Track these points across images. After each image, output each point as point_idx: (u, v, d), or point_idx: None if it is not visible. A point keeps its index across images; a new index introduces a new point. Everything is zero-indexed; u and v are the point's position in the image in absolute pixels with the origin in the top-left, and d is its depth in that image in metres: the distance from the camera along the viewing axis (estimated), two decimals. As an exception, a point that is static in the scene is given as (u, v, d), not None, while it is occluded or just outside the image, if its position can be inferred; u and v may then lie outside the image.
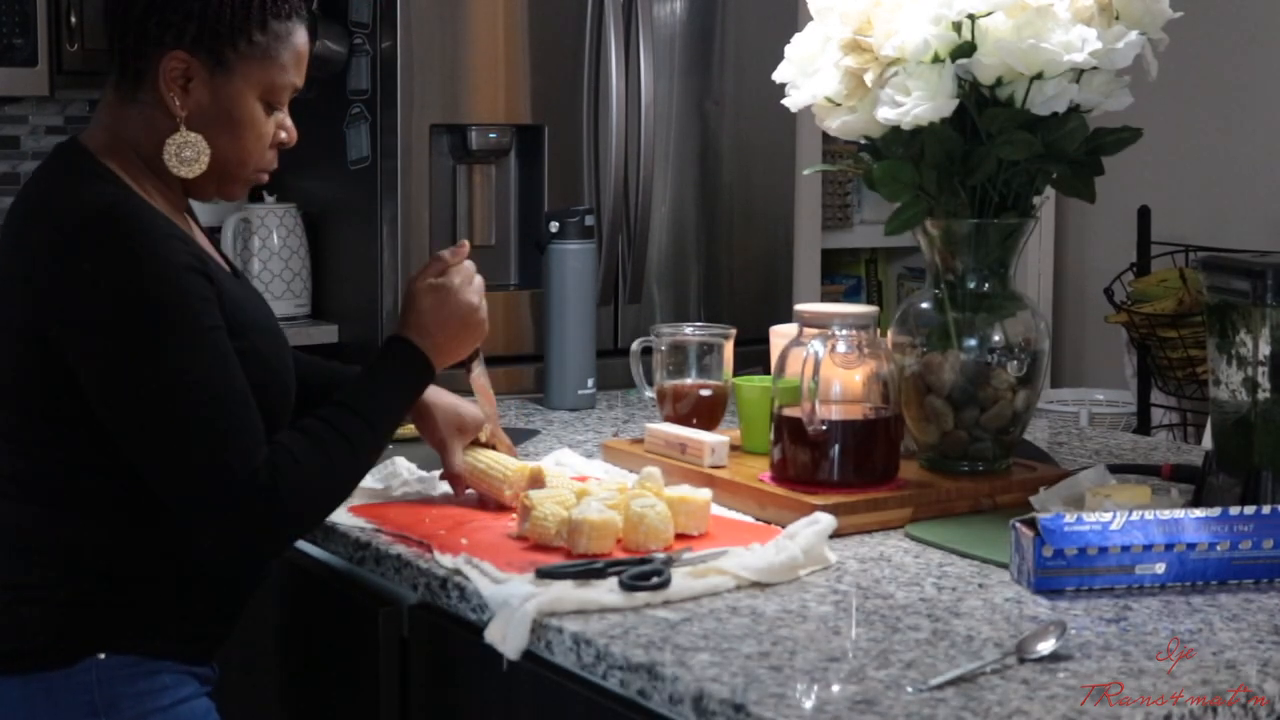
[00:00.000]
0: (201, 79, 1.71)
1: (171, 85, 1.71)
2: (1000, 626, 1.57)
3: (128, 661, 1.69)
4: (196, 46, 1.70)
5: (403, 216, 3.54)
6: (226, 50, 1.71)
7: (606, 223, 3.71)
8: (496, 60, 3.63)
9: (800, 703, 1.37)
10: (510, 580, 1.67)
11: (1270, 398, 1.83)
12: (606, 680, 1.51)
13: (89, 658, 1.67)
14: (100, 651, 1.67)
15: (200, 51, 1.70)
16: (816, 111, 2.09)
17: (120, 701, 1.68)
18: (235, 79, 1.72)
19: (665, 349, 2.34)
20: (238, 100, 1.73)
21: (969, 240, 2.03)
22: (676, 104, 3.88)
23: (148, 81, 1.72)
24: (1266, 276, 1.80)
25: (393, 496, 2.04)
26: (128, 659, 1.69)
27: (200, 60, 1.71)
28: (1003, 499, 2.01)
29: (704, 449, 2.10)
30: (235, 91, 1.73)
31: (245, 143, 1.75)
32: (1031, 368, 2.05)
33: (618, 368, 2.90)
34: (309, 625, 2.08)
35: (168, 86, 1.70)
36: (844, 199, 4.72)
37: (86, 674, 1.67)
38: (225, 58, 1.71)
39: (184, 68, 1.70)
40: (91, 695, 1.67)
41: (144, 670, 1.70)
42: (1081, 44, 1.91)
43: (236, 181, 1.78)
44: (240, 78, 1.72)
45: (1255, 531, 1.69)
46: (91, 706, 1.67)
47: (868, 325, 1.97)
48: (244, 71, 1.72)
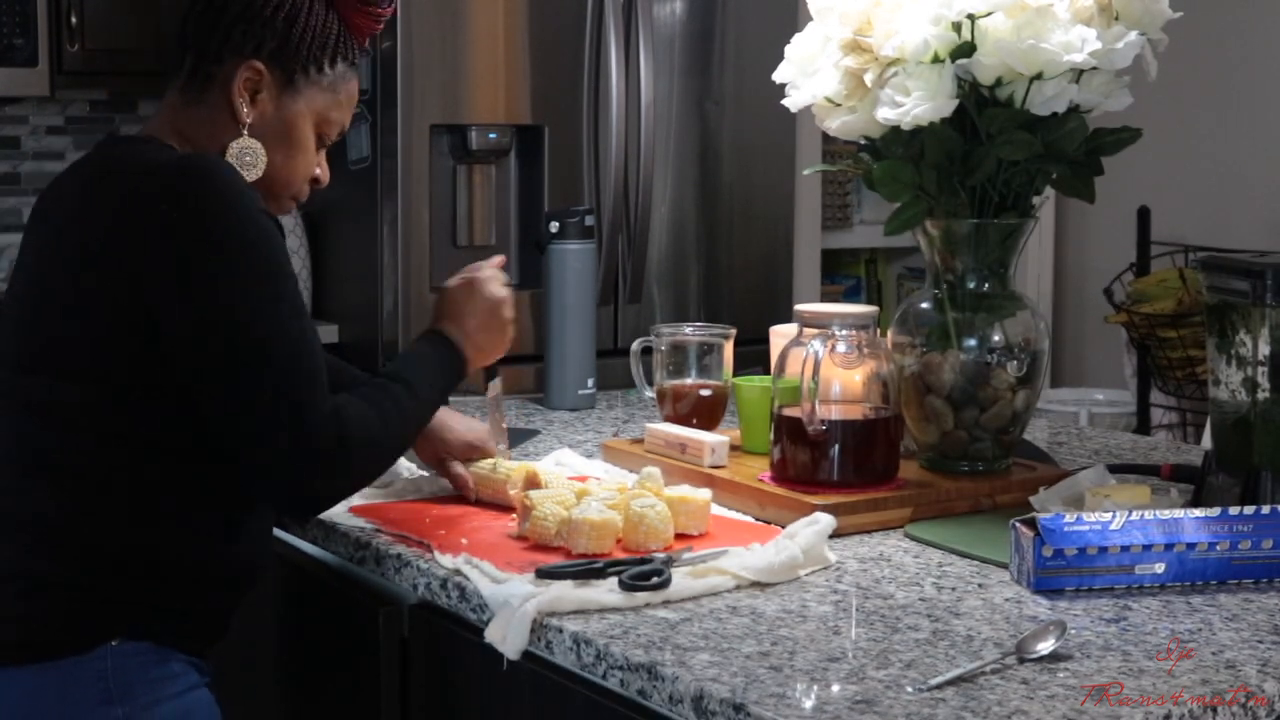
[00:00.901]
0: (270, 93, 1.79)
1: (243, 92, 1.77)
2: (1000, 626, 1.57)
3: (141, 649, 1.70)
4: (273, 61, 1.78)
5: (403, 216, 3.54)
6: (298, 72, 1.80)
7: (606, 223, 3.71)
8: (496, 60, 3.63)
9: (800, 703, 1.37)
10: (510, 580, 1.67)
11: (1270, 398, 1.83)
12: (606, 680, 1.51)
13: (103, 645, 1.68)
14: (114, 638, 1.68)
15: (275, 67, 1.78)
16: (816, 111, 2.09)
17: (134, 689, 1.69)
18: (300, 101, 1.81)
19: (665, 349, 2.34)
20: (298, 121, 1.81)
21: (969, 240, 2.04)
22: (676, 104, 3.88)
23: (216, 85, 1.78)
24: (1266, 276, 1.80)
25: (392, 496, 2.04)
26: (141, 646, 1.70)
27: (274, 75, 1.79)
28: (1002, 499, 2.01)
29: (704, 449, 2.10)
30: (298, 113, 1.81)
31: (295, 163, 1.83)
32: (1031, 368, 2.05)
33: (618, 368, 2.90)
34: (309, 625, 2.08)
35: (239, 92, 1.77)
36: (844, 199, 4.72)
37: (101, 661, 1.68)
38: (295, 79, 1.80)
39: (258, 78, 1.78)
40: (106, 682, 1.68)
41: (156, 658, 1.71)
42: (1081, 44, 1.91)
43: (276, 200, 1.84)
44: (304, 101, 1.81)
45: (1255, 531, 1.69)
46: (106, 694, 1.68)
47: (868, 325, 1.98)
48: (309, 96, 1.81)
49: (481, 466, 2.01)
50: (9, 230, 4.16)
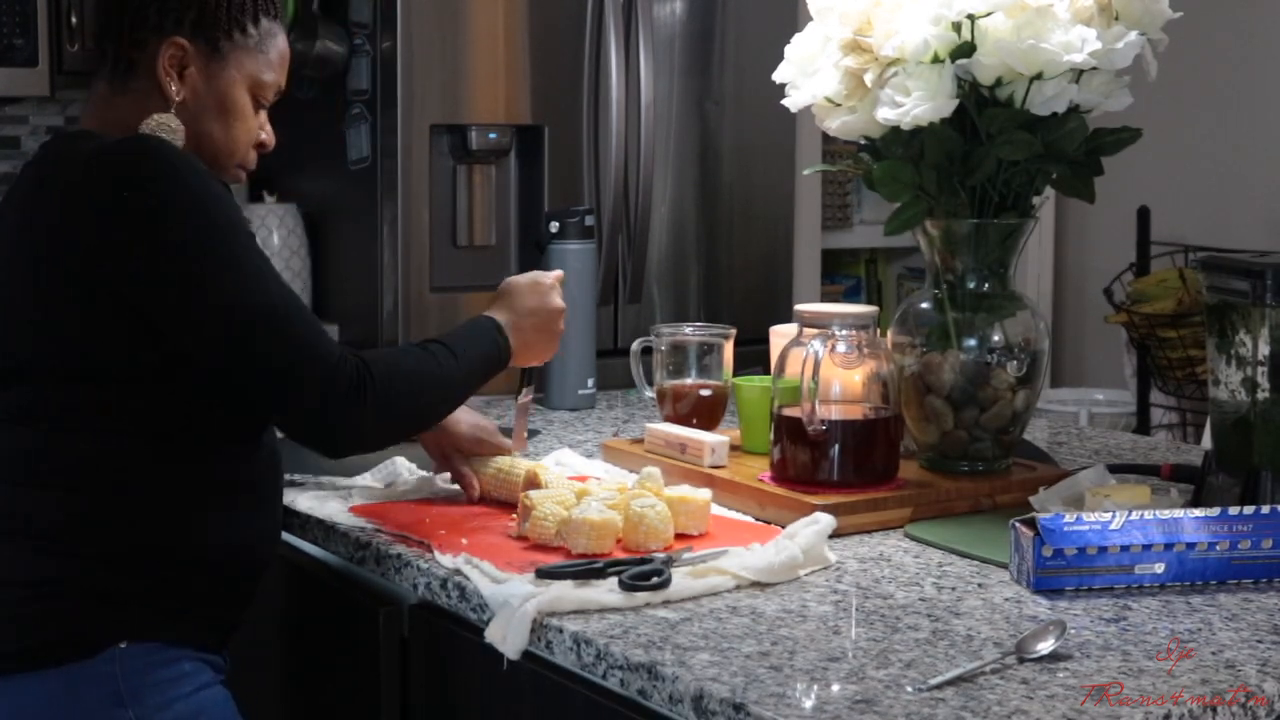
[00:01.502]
0: (198, 66, 1.78)
1: (169, 70, 1.76)
2: (1000, 626, 1.57)
3: (149, 649, 1.70)
4: (195, 33, 1.77)
5: (403, 216, 3.54)
6: (222, 39, 1.78)
7: (606, 223, 3.71)
8: (496, 60, 3.63)
9: (800, 702, 1.37)
10: (510, 580, 1.67)
11: (1269, 398, 1.83)
12: (606, 680, 1.51)
13: (111, 648, 1.68)
14: (121, 641, 1.68)
15: (198, 38, 1.77)
16: (816, 111, 2.09)
17: (144, 690, 1.68)
18: (229, 68, 1.79)
19: (665, 349, 2.34)
20: (230, 89, 1.80)
21: (969, 240, 2.04)
22: (676, 104, 3.88)
23: (141, 69, 1.77)
24: (1266, 276, 1.80)
25: (393, 496, 2.04)
26: (149, 646, 1.70)
27: (198, 47, 1.77)
28: (1002, 499, 2.01)
29: (704, 449, 2.10)
30: (228, 80, 1.80)
31: (235, 131, 1.81)
32: (1031, 368, 2.05)
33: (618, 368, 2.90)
34: (309, 625, 2.08)
35: (165, 71, 1.76)
36: (844, 199, 4.72)
37: (109, 664, 1.68)
38: (220, 46, 1.78)
39: (182, 53, 1.76)
40: (116, 685, 1.67)
41: (165, 658, 1.71)
42: (1081, 44, 1.91)
43: (222, 170, 1.82)
44: (233, 67, 1.80)
45: (1254, 531, 1.69)
46: (116, 697, 1.67)
47: (868, 325, 1.98)
48: (237, 61, 1.80)
49: (491, 466, 2.01)
50: (9, 230, 4.16)
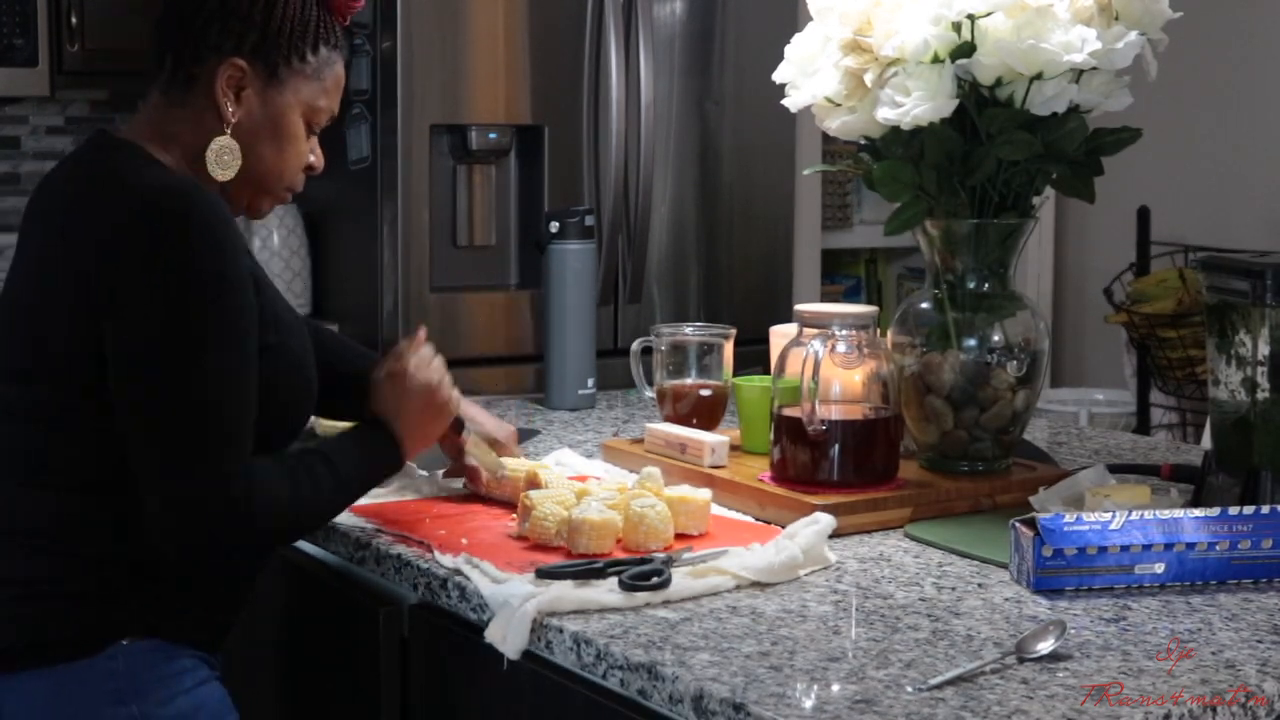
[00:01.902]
0: (255, 88, 1.77)
1: (227, 91, 1.76)
2: (1000, 626, 1.57)
3: (150, 646, 1.70)
4: (255, 56, 1.76)
5: (403, 216, 3.54)
6: (281, 64, 1.78)
7: (606, 223, 3.71)
8: (496, 60, 3.63)
9: (800, 702, 1.37)
10: (510, 580, 1.67)
11: (1269, 398, 1.83)
12: (606, 680, 1.51)
13: (113, 644, 1.68)
14: (123, 637, 1.69)
15: (258, 61, 1.77)
16: (816, 111, 2.09)
17: (146, 687, 1.69)
18: (286, 93, 1.78)
19: (665, 349, 2.34)
20: (285, 113, 1.79)
21: (969, 240, 2.04)
22: (676, 104, 3.88)
23: (199, 85, 1.76)
24: (1266, 276, 1.80)
25: (393, 496, 2.04)
26: (151, 643, 1.70)
27: (256, 70, 1.77)
28: (1002, 499, 2.01)
29: (704, 449, 2.10)
30: (284, 105, 1.79)
31: (286, 156, 1.81)
32: (1031, 368, 2.05)
33: (618, 368, 2.90)
34: (309, 625, 2.08)
35: (223, 91, 1.75)
36: (844, 199, 4.72)
37: (112, 661, 1.68)
38: (279, 71, 1.78)
39: (240, 75, 1.76)
40: (118, 682, 1.68)
41: (166, 655, 1.71)
42: (1081, 44, 1.91)
43: (269, 195, 1.83)
44: (290, 92, 1.79)
45: (1254, 531, 1.69)
46: (119, 693, 1.68)
47: (868, 325, 1.98)
48: (294, 87, 1.79)
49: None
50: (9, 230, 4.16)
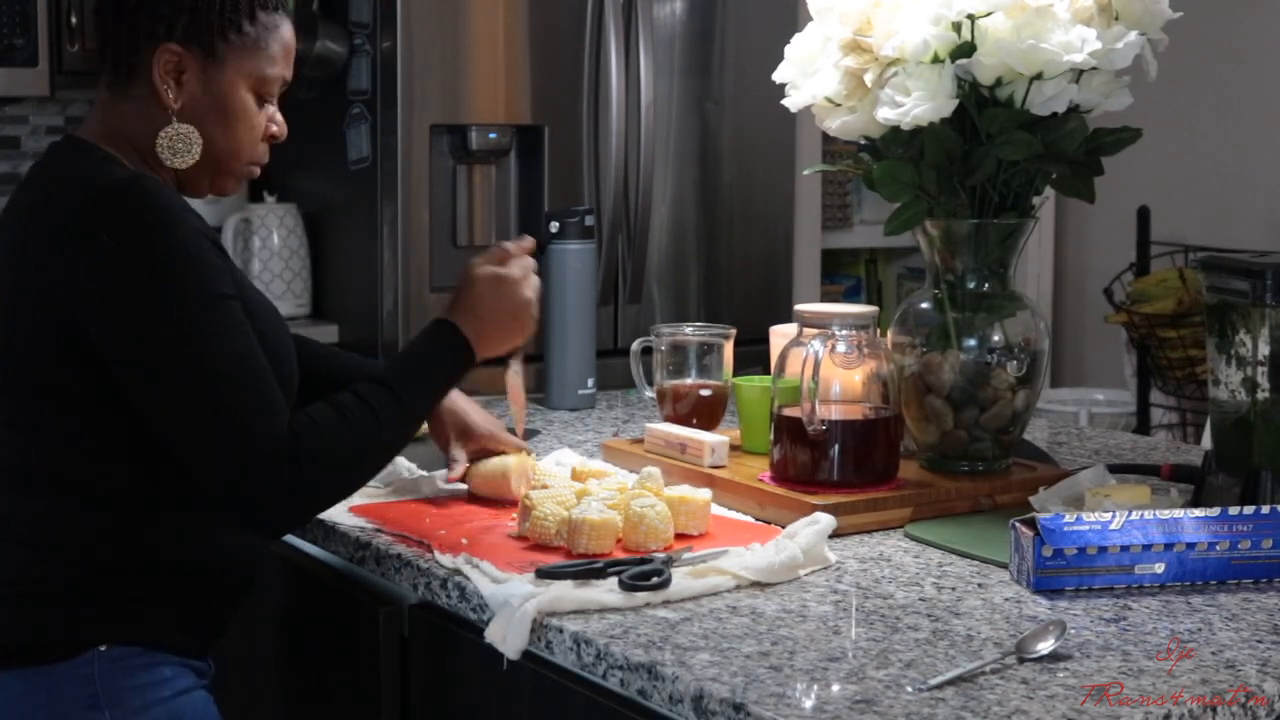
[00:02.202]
0: (194, 71, 1.74)
1: (165, 78, 1.73)
2: (1000, 626, 1.57)
3: (129, 653, 1.69)
4: (188, 38, 1.73)
5: (403, 216, 3.54)
6: (217, 41, 1.74)
7: (606, 223, 3.71)
8: (496, 60, 3.63)
9: (800, 702, 1.37)
10: (510, 580, 1.67)
11: (1269, 398, 1.83)
12: (606, 680, 1.51)
13: (90, 650, 1.67)
14: (101, 643, 1.67)
15: (192, 43, 1.73)
16: (816, 111, 2.09)
17: (122, 694, 1.68)
18: (227, 70, 1.75)
19: (665, 349, 2.34)
20: (230, 91, 1.75)
21: (969, 240, 2.04)
22: (676, 104, 3.88)
23: (140, 76, 1.74)
24: (1266, 276, 1.80)
25: (393, 496, 2.04)
26: (129, 650, 1.69)
27: (192, 52, 1.73)
28: (1002, 499, 2.01)
29: (704, 449, 2.10)
30: (227, 82, 1.75)
31: (238, 134, 1.77)
32: (1031, 368, 2.05)
33: (618, 368, 2.90)
34: (309, 625, 2.08)
35: (161, 79, 1.73)
36: (844, 199, 4.72)
37: (88, 666, 1.67)
38: (216, 49, 1.74)
39: (177, 60, 1.73)
40: (94, 687, 1.67)
41: (144, 662, 1.70)
42: (1081, 44, 1.91)
43: (230, 174, 1.80)
44: (232, 68, 1.75)
45: (1254, 531, 1.69)
46: (94, 699, 1.67)
47: (868, 325, 1.98)
48: (235, 62, 1.75)
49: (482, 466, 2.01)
50: (9, 230, 4.16)
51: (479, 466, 2.01)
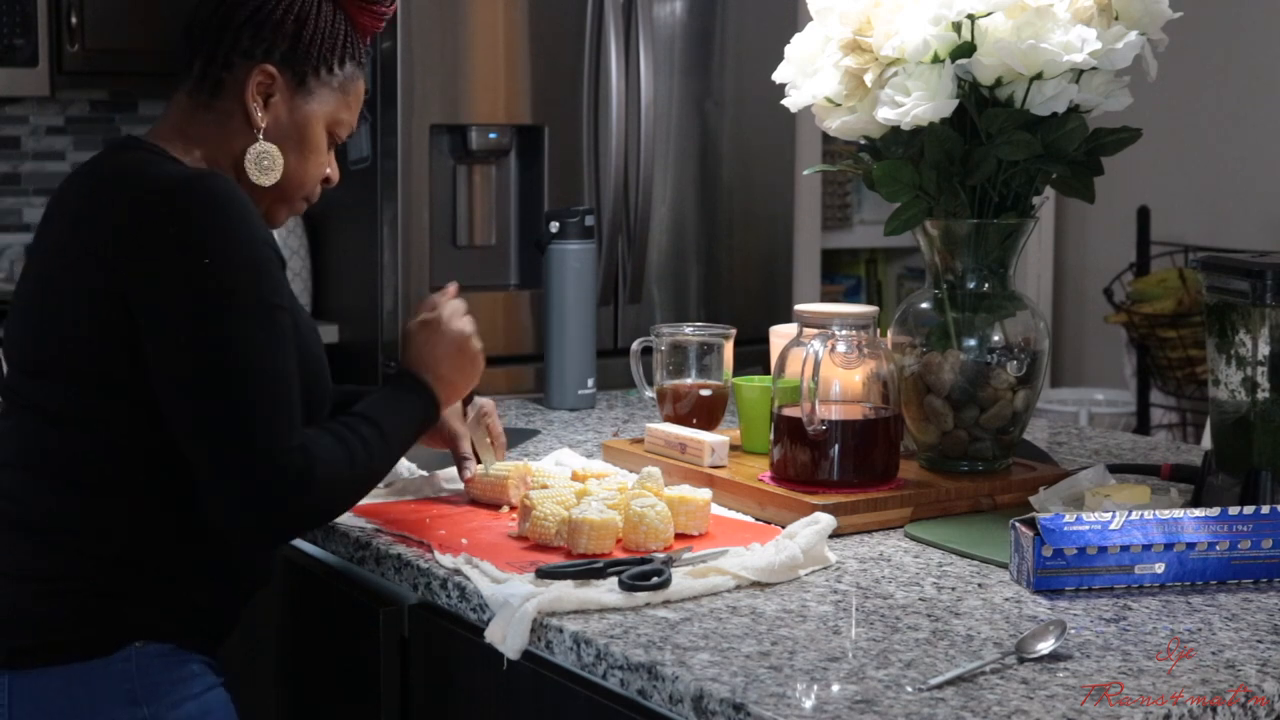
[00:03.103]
0: (283, 96, 1.78)
1: (256, 96, 1.77)
2: (1000, 626, 1.57)
3: (163, 650, 1.71)
4: (285, 64, 1.78)
5: (403, 216, 3.54)
6: (309, 74, 1.79)
7: (606, 223, 3.71)
8: (496, 60, 3.63)
9: (800, 702, 1.37)
10: (510, 580, 1.67)
11: (1269, 398, 1.83)
12: (606, 680, 1.51)
13: (127, 646, 1.69)
14: (137, 639, 1.69)
15: (287, 70, 1.78)
16: (816, 111, 2.09)
17: (158, 690, 1.70)
18: (312, 103, 1.80)
19: (665, 349, 2.34)
20: (311, 123, 1.80)
21: (969, 240, 2.04)
22: (676, 104, 3.88)
23: (228, 90, 1.77)
24: (1266, 276, 1.80)
25: (393, 496, 2.04)
26: (163, 647, 1.71)
27: (286, 78, 1.78)
28: (1002, 499, 2.01)
29: (704, 449, 2.10)
30: (311, 114, 1.80)
31: (309, 165, 1.82)
32: (1031, 368, 2.05)
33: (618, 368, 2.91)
34: (309, 625, 2.08)
35: (253, 97, 1.76)
36: (844, 199, 4.72)
37: (126, 663, 1.68)
38: (308, 81, 1.79)
39: (270, 82, 1.77)
40: (132, 684, 1.68)
41: (176, 659, 1.72)
42: (1081, 44, 1.91)
43: (287, 203, 1.84)
44: (317, 102, 1.80)
45: (1254, 531, 1.69)
46: (132, 695, 1.68)
47: (868, 325, 1.98)
48: (321, 98, 1.80)
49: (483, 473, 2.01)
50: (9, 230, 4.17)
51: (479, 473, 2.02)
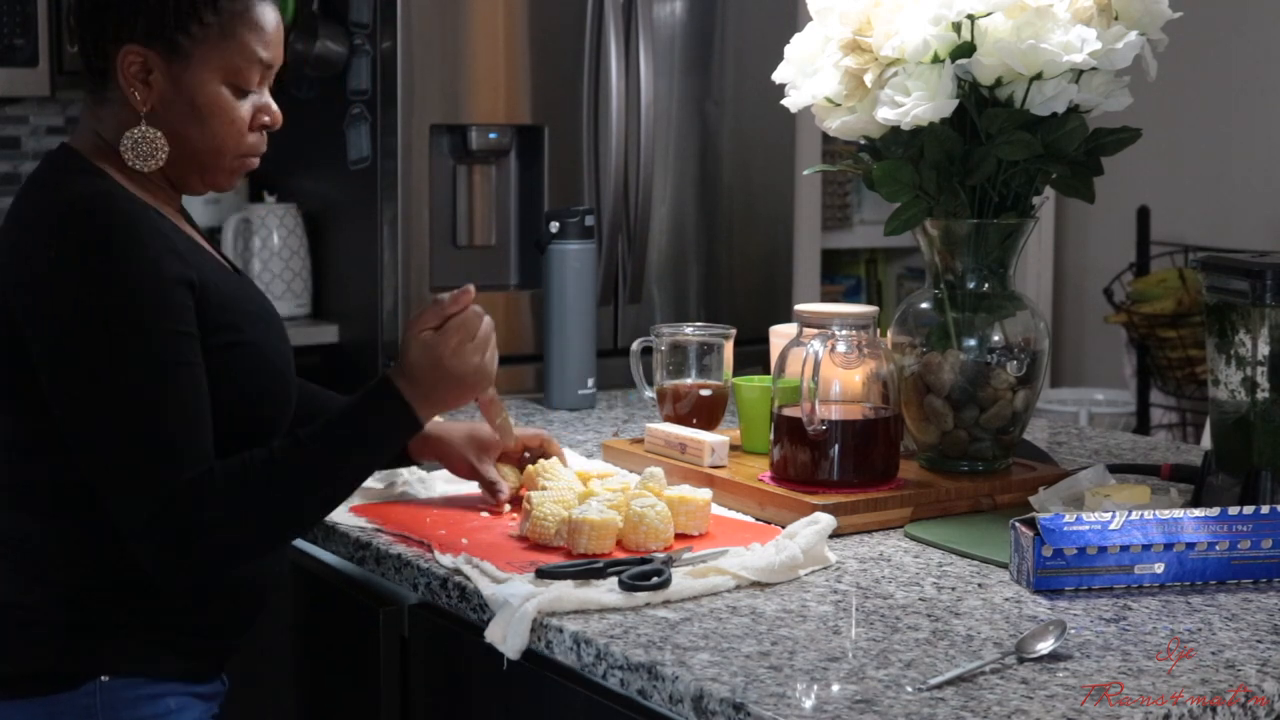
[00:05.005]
0: (160, 70, 1.67)
1: (131, 80, 1.67)
2: (1000, 626, 1.57)
3: (131, 683, 1.65)
4: (150, 39, 1.66)
5: (403, 216, 3.54)
6: (179, 37, 1.66)
7: (606, 223, 3.71)
8: (496, 60, 3.63)
9: (800, 702, 1.37)
10: (510, 580, 1.67)
11: (1269, 398, 1.83)
12: (606, 680, 1.51)
13: (91, 681, 1.63)
14: (103, 674, 1.63)
15: (154, 43, 1.66)
16: (816, 111, 2.09)
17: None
18: (194, 66, 1.67)
19: (665, 349, 2.34)
20: (200, 88, 1.68)
21: (969, 240, 2.04)
22: (676, 104, 3.88)
23: (110, 79, 1.69)
24: (1265, 276, 1.80)
25: (393, 496, 2.04)
26: (131, 681, 1.65)
27: (156, 51, 1.67)
28: (1002, 499, 2.01)
29: (704, 449, 2.10)
30: (195, 79, 1.68)
31: (215, 130, 1.69)
32: (1031, 368, 2.05)
33: (618, 368, 2.90)
34: (310, 625, 2.08)
35: (128, 82, 1.67)
36: (844, 199, 4.72)
37: (89, 698, 1.63)
38: (179, 45, 1.67)
39: (141, 61, 1.67)
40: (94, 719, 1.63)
41: (148, 693, 1.66)
42: (1081, 44, 1.91)
43: (219, 171, 1.73)
44: (198, 64, 1.67)
45: (1254, 531, 1.69)
46: None
47: (868, 325, 1.98)
48: (201, 57, 1.67)
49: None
50: (9, 230, 4.17)
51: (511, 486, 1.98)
